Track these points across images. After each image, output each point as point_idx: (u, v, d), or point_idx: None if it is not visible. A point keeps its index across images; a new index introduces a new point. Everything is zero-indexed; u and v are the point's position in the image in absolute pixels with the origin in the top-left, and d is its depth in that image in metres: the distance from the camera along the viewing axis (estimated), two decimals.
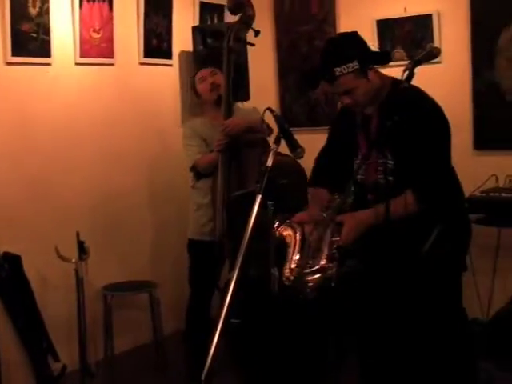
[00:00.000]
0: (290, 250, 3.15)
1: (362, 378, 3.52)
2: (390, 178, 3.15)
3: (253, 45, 4.27)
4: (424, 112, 3.14)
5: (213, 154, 4.29)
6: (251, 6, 4.23)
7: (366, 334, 3.43)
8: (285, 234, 3.21)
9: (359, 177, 3.31)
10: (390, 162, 3.19)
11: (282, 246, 3.21)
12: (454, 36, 5.15)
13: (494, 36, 4.99)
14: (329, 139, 3.60)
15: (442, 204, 3.16)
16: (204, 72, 4.49)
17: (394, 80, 3.25)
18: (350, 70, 3.09)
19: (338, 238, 3.11)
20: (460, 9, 5.10)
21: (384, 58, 3.33)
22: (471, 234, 3.46)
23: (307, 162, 3.61)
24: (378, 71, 3.26)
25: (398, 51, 5.35)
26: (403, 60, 5.14)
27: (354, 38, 3.22)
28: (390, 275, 3.19)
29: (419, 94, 3.21)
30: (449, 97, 5.11)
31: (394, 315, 3.24)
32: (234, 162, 4.23)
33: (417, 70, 3.04)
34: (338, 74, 3.09)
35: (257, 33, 4.26)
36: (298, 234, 3.19)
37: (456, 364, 3.33)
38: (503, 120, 5.00)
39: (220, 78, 4.38)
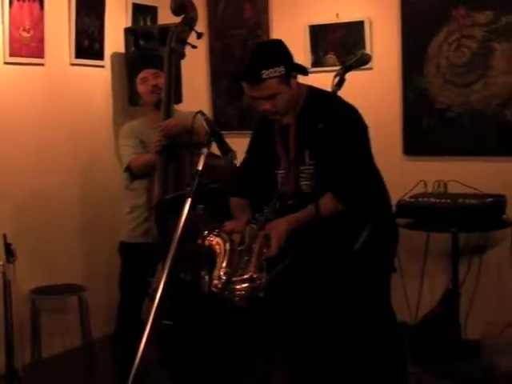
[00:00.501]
0: (219, 259, 3.15)
1: (290, 377, 3.54)
2: (312, 183, 3.20)
3: (195, 47, 4.24)
4: (342, 117, 3.15)
5: (149, 154, 4.24)
6: (194, 7, 4.19)
7: (295, 333, 3.45)
8: (214, 243, 3.20)
9: (283, 187, 3.31)
10: (310, 167, 3.23)
11: (212, 252, 3.21)
12: (385, 43, 5.22)
13: (424, 43, 5.07)
14: (249, 150, 3.61)
15: (362, 204, 3.20)
16: (146, 73, 4.39)
17: (310, 88, 3.32)
18: (277, 74, 3.12)
19: (265, 251, 3.14)
20: (391, 16, 5.17)
21: (304, 69, 3.36)
22: (398, 236, 3.52)
23: None
24: (296, 80, 3.29)
25: (331, 57, 5.40)
26: (335, 65, 5.19)
27: (281, 44, 3.26)
28: (321, 274, 3.22)
29: (336, 100, 3.18)
30: (379, 103, 5.24)
31: (325, 314, 3.28)
32: (172, 163, 4.19)
33: (348, 75, 3.08)
34: (264, 76, 3.10)
35: (199, 35, 4.23)
36: (227, 244, 3.18)
37: (384, 364, 3.37)
38: (432, 126, 5.09)
39: (163, 81, 4.32)
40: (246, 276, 3.00)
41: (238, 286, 3.00)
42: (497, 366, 4.50)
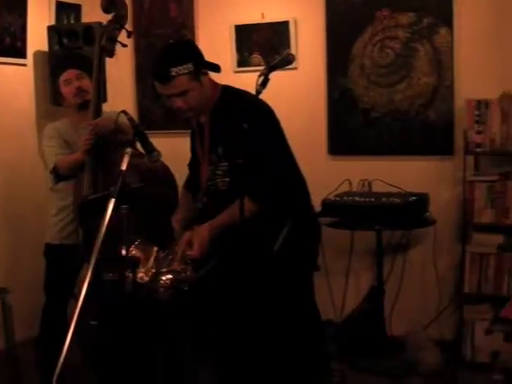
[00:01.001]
0: (144, 262, 3.18)
1: (217, 376, 3.54)
2: (226, 180, 3.28)
3: (125, 45, 4.18)
4: (255, 114, 3.18)
5: (76, 154, 4.16)
6: (124, 5, 4.14)
7: (221, 335, 3.45)
8: (137, 255, 3.22)
9: (199, 184, 3.42)
10: (224, 164, 3.29)
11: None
12: (309, 43, 5.25)
13: (349, 44, 5.12)
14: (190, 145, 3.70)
15: (278, 202, 3.25)
16: (70, 74, 4.28)
17: (223, 87, 3.40)
18: (186, 71, 3.19)
19: (190, 253, 3.18)
20: (316, 17, 5.21)
21: (216, 66, 3.39)
22: (320, 234, 3.55)
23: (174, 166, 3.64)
24: (210, 78, 3.37)
25: (256, 57, 5.41)
26: (260, 65, 5.20)
27: (190, 43, 3.40)
28: (244, 276, 3.25)
29: (247, 96, 3.29)
30: (304, 103, 5.28)
31: (249, 315, 3.29)
32: (101, 163, 4.13)
33: (273, 75, 3.10)
34: (173, 74, 3.18)
35: (129, 33, 4.18)
36: (151, 252, 3.22)
37: (307, 362, 3.41)
38: (356, 126, 5.15)
39: (87, 83, 4.23)
40: (170, 268, 3.12)
41: (163, 278, 3.09)
42: (420, 362, 4.58)
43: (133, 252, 3.20)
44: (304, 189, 3.49)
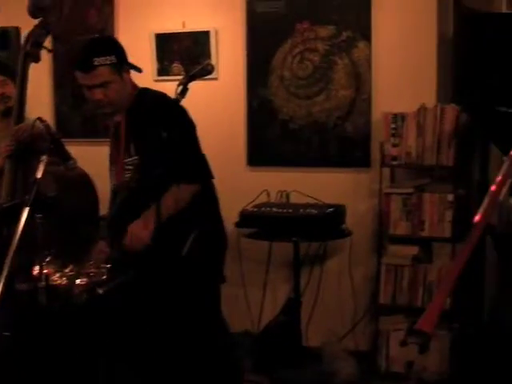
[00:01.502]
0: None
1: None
2: (137, 177, 3.31)
3: (51, 51, 4.09)
4: (168, 111, 3.22)
5: None
6: (53, 11, 4.08)
7: (133, 340, 3.44)
8: (49, 272, 3.21)
9: (113, 184, 3.45)
10: (135, 157, 3.32)
11: None
12: (230, 53, 5.25)
13: (269, 55, 5.14)
14: None
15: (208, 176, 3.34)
16: None
17: (141, 88, 3.46)
18: (108, 62, 3.23)
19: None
20: (237, 27, 5.21)
21: (137, 67, 3.47)
22: (226, 243, 3.55)
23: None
24: (131, 78, 3.41)
25: (176, 66, 5.38)
26: (181, 75, 5.15)
27: (114, 39, 3.45)
28: (154, 281, 3.29)
29: (162, 96, 3.37)
30: (224, 113, 5.27)
31: (157, 322, 3.32)
32: (20, 170, 4.04)
33: (194, 85, 3.10)
34: (96, 63, 3.21)
35: (50, 51, 4.11)
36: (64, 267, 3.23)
37: (216, 371, 3.42)
38: (275, 137, 5.17)
39: (10, 89, 4.12)
40: (85, 272, 3.16)
41: (77, 281, 3.13)
42: (336, 373, 4.61)
43: (45, 271, 3.18)
44: (214, 196, 3.50)
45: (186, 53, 5.36)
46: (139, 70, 3.42)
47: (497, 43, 4.51)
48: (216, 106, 5.24)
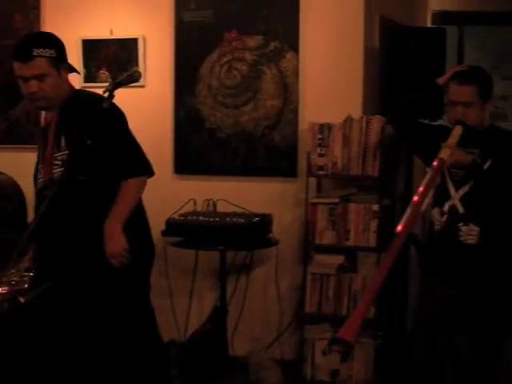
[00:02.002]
0: None
1: None
2: (68, 169, 3.28)
3: None
4: (106, 114, 3.23)
5: None
6: None
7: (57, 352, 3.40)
8: None
9: (40, 181, 3.44)
10: (65, 152, 3.32)
11: None
12: (158, 61, 5.22)
13: (197, 64, 5.13)
14: None
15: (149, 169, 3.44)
16: None
17: (78, 90, 3.52)
18: (47, 55, 3.24)
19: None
20: (165, 35, 5.19)
21: (75, 69, 3.57)
22: (154, 253, 3.54)
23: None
24: (68, 78, 3.43)
25: (103, 73, 5.32)
26: (108, 82, 5.10)
27: (56, 36, 3.42)
28: (78, 291, 3.29)
29: (96, 96, 3.38)
30: (151, 121, 5.23)
31: (84, 333, 3.31)
32: None
33: (121, 92, 3.09)
34: (35, 54, 3.22)
35: None
36: None
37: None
38: (202, 146, 5.15)
39: None
40: (7, 280, 3.11)
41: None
42: (262, 382, 4.62)
43: None
44: (140, 205, 3.50)
45: (113, 60, 5.31)
46: (77, 72, 3.51)
47: (421, 56, 4.61)
48: (143, 113, 5.19)
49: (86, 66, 5.34)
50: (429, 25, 5.95)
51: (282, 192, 5.03)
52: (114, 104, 3.30)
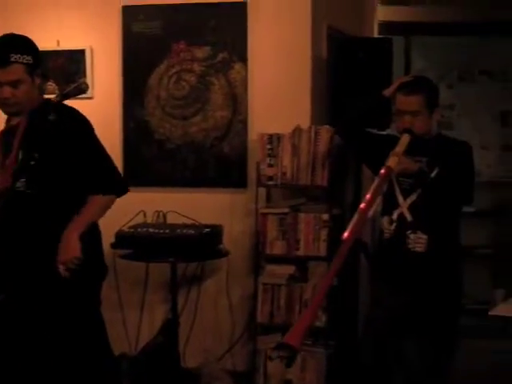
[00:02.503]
0: None
1: None
2: (30, 182, 3.24)
3: None
4: (70, 117, 3.32)
5: None
6: None
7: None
8: None
9: None
10: (34, 161, 3.25)
11: None
12: (106, 72, 5.19)
13: (145, 75, 5.12)
14: None
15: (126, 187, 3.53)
16: None
17: (48, 99, 3.38)
18: (25, 61, 3.19)
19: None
20: (112, 46, 5.16)
21: (45, 76, 3.47)
22: (106, 267, 3.52)
23: None
24: (39, 83, 3.37)
25: (51, 84, 5.26)
26: (55, 93, 5.03)
27: (31, 40, 3.35)
28: (29, 305, 3.25)
29: (67, 107, 3.36)
30: (99, 133, 5.03)
31: (35, 347, 3.28)
32: None
33: (70, 104, 3.11)
34: (12, 59, 3.16)
35: None
36: None
37: None
38: (152, 157, 5.14)
39: None
40: None
41: None
42: None
43: None
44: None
45: (60, 71, 5.26)
46: (48, 80, 3.39)
47: (368, 66, 4.65)
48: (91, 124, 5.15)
49: None
50: (376, 35, 6.01)
51: (232, 203, 5.03)
52: (79, 113, 3.37)
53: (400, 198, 3.58)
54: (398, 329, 3.66)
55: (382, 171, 3.21)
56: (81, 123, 3.36)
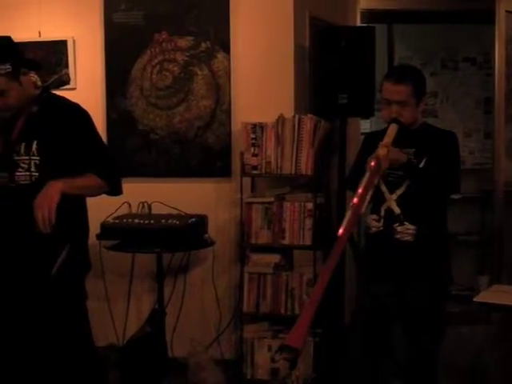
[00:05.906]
0: None
1: None
2: (35, 174, 3.20)
3: None
4: (73, 112, 3.33)
5: None
6: None
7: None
8: None
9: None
10: (36, 157, 3.22)
11: None
12: (88, 63, 5.16)
13: (128, 65, 5.10)
14: None
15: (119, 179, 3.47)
16: None
17: (46, 90, 3.41)
18: (3, 72, 3.11)
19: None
20: (94, 36, 5.13)
21: (35, 64, 3.45)
22: (90, 266, 3.50)
23: None
24: (30, 78, 3.33)
25: (33, 76, 5.21)
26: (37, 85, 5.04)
27: (7, 42, 3.23)
28: (19, 299, 3.22)
29: (64, 100, 3.37)
30: None
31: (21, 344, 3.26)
32: None
33: None
34: None
35: None
36: None
37: None
38: (136, 148, 5.13)
39: None
40: None
41: None
42: (202, 382, 4.62)
43: None
44: (85, 214, 3.46)
45: (42, 62, 5.20)
46: (38, 68, 3.42)
47: (351, 55, 4.65)
48: None
49: None
50: (358, 23, 6.01)
51: (217, 192, 5.03)
52: (70, 105, 3.33)
53: (386, 193, 3.56)
54: (386, 317, 3.68)
55: (372, 163, 3.21)
56: (69, 114, 3.31)
